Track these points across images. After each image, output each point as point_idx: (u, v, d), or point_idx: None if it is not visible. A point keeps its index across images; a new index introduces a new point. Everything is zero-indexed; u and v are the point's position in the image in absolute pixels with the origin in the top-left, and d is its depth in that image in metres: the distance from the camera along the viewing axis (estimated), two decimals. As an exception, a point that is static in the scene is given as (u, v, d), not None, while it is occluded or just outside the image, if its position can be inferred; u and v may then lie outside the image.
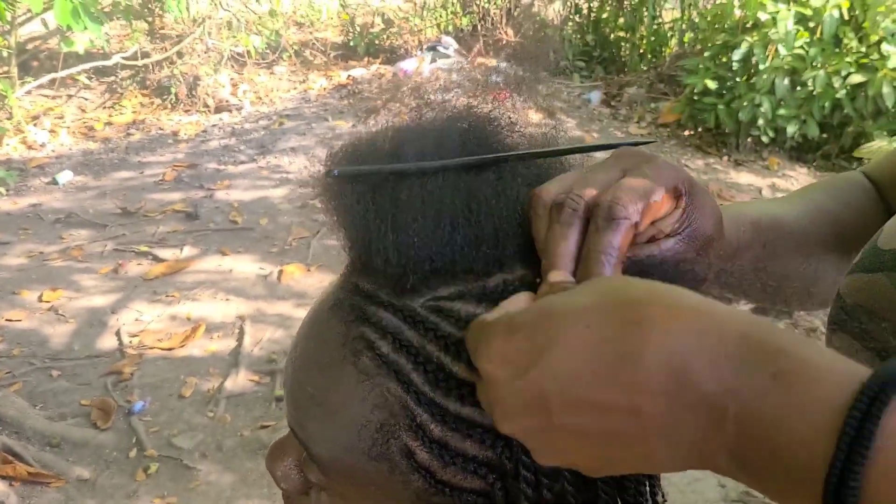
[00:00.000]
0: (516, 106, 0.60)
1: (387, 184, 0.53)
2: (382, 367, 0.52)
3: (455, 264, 0.51)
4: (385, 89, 1.04)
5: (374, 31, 8.16)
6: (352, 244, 0.55)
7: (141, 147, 5.83)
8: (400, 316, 0.52)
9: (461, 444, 0.51)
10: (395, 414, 0.51)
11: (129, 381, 3.14)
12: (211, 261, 4.09)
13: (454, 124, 0.57)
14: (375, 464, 0.53)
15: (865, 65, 5.00)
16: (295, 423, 0.57)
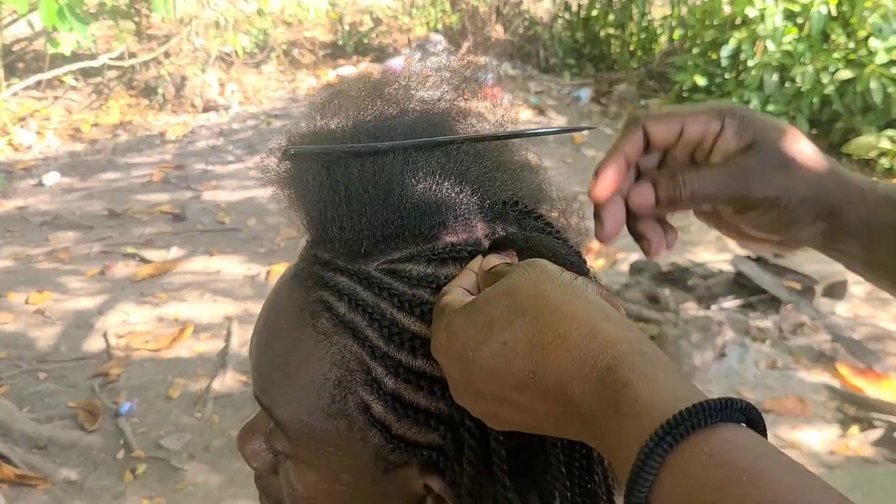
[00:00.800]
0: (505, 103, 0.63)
1: (340, 162, 0.57)
2: (339, 325, 0.55)
3: (404, 229, 0.56)
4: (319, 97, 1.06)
5: (362, 30, 8.15)
6: (309, 218, 0.59)
7: (128, 148, 5.80)
8: (355, 279, 0.56)
9: (414, 396, 0.55)
10: (351, 370, 0.55)
11: (117, 383, 3.11)
12: (198, 262, 4.06)
13: (406, 114, 0.61)
14: (335, 421, 0.56)
15: (853, 61, 5.02)
16: (260, 390, 0.60)
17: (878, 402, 2.87)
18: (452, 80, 0.65)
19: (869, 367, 3.08)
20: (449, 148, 0.59)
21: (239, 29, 7.42)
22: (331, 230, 0.57)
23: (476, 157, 0.60)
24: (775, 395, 2.96)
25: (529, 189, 0.63)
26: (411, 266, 0.56)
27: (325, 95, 0.63)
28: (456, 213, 0.57)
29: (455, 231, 0.58)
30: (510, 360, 0.46)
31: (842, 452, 2.66)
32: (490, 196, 0.59)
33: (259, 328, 0.61)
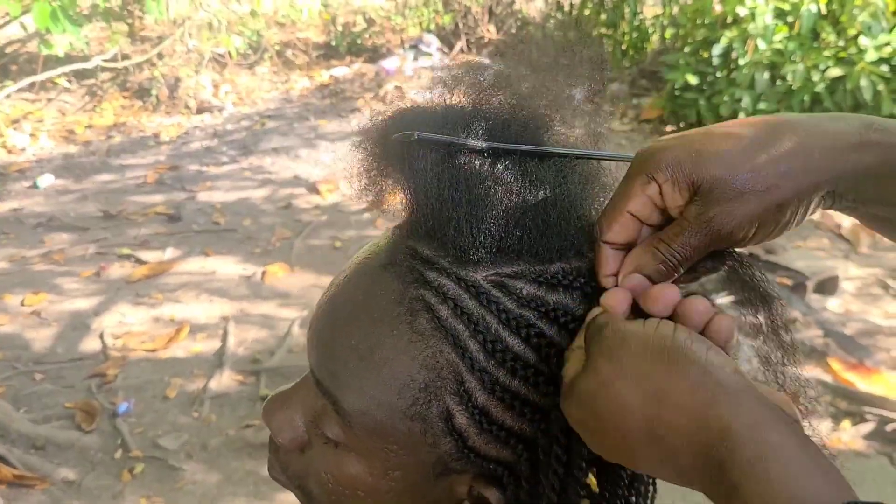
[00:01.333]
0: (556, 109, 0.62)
1: (461, 156, 0.54)
2: (439, 330, 0.53)
3: (522, 245, 0.54)
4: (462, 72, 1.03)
5: (355, 31, 8.15)
6: (418, 209, 0.55)
7: (122, 150, 5.80)
8: (462, 285, 0.53)
9: (502, 414, 0.53)
10: (443, 377, 0.53)
11: (114, 383, 3.12)
12: (194, 262, 4.07)
13: (517, 113, 0.58)
14: (410, 423, 0.54)
15: (843, 59, 5.05)
16: (326, 372, 0.57)
17: (870, 397, 2.89)
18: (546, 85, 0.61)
19: (860, 361, 3.11)
20: (562, 163, 0.57)
21: (232, 30, 7.42)
22: (445, 230, 0.54)
23: (590, 177, 0.59)
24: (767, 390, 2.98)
25: None
26: (521, 284, 0.54)
27: (451, 76, 0.59)
28: (573, 238, 0.55)
29: (569, 257, 0.55)
30: (653, 417, 0.46)
31: (834, 446, 2.69)
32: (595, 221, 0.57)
33: (334, 307, 0.58)
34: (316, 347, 0.59)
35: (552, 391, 0.53)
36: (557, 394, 0.52)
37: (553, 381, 0.53)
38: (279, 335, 3.39)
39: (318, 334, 0.59)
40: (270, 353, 3.26)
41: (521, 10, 7.86)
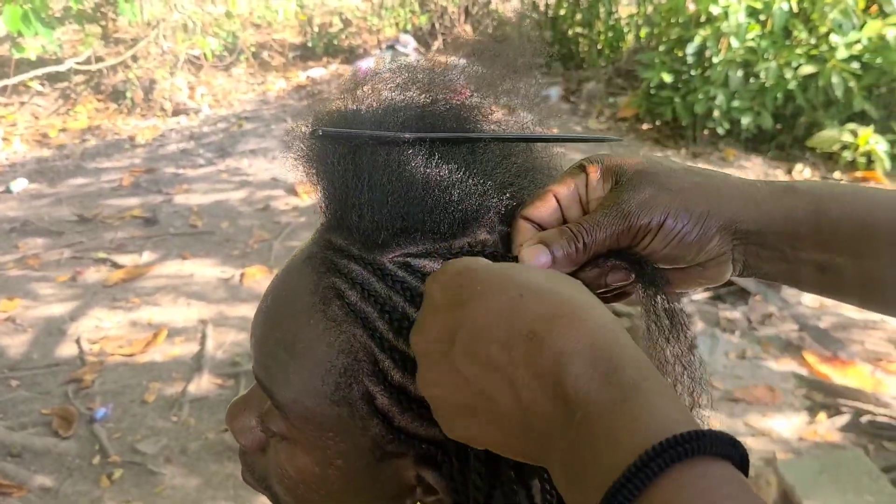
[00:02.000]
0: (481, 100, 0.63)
1: (367, 147, 0.57)
2: (350, 314, 0.55)
3: (424, 224, 0.56)
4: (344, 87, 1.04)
5: (332, 31, 8.14)
6: (328, 201, 0.58)
7: (97, 153, 5.74)
8: (370, 269, 0.56)
9: (419, 391, 0.53)
10: (359, 359, 0.55)
11: (91, 389, 3.09)
12: (171, 265, 4.04)
13: (434, 105, 0.61)
14: (337, 408, 0.56)
15: (815, 56, 5.12)
16: (261, 368, 0.60)
17: (845, 389, 2.94)
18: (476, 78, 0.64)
19: (835, 354, 3.15)
20: (476, 146, 0.59)
21: (207, 32, 7.38)
22: (349, 217, 0.56)
23: (502, 158, 0.60)
24: (745, 384, 3.02)
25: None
26: (426, 262, 0.56)
27: (356, 78, 0.62)
28: (477, 214, 0.57)
29: (473, 232, 0.58)
30: (515, 312, 0.45)
31: (810, 438, 2.72)
32: (510, 200, 0.59)
33: (265, 306, 0.61)
34: (253, 347, 0.62)
35: None
36: None
37: None
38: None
39: (253, 334, 0.62)
40: (249, 356, 3.23)
41: (497, 10, 7.88)
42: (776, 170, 5.30)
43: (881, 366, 3.08)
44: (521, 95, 0.66)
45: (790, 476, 2.15)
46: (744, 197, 0.57)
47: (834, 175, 5.11)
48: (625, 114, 6.14)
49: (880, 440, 2.69)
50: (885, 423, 2.75)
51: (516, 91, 0.66)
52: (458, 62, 0.68)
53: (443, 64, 0.64)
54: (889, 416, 2.77)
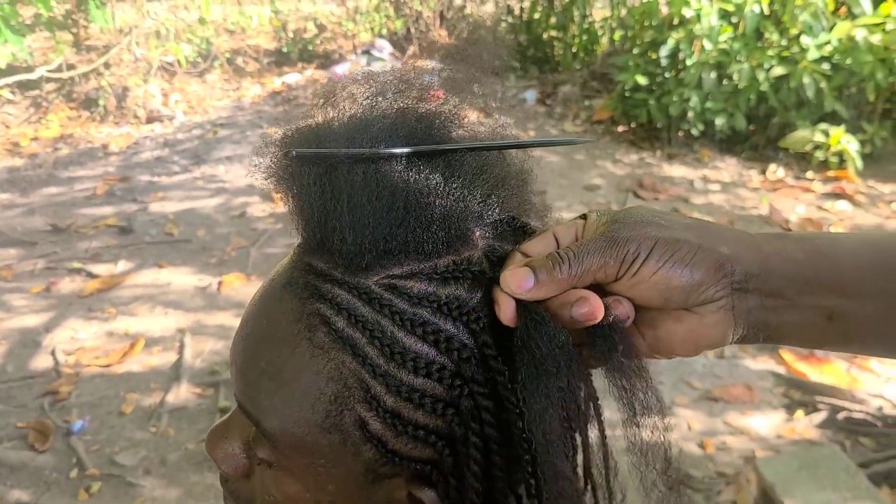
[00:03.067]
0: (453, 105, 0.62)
1: (342, 167, 0.55)
2: (338, 341, 0.54)
3: (407, 245, 0.54)
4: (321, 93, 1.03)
5: (307, 37, 8.11)
6: (306, 224, 0.57)
7: (70, 161, 5.67)
8: (355, 293, 0.54)
9: (413, 414, 0.54)
10: (349, 386, 0.54)
11: (67, 401, 3.05)
12: (147, 274, 4.00)
13: (405, 115, 0.59)
14: (328, 435, 0.55)
15: (786, 58, 5.19)
16: (245, 398, 0.58)
17: (821, 386, 2.97)
18: (444, 84, 0.63)
19: (811, 352, 3.19)
20: (451, 157, 0.58)
21: (180, 38, 7.33)
22: (331, 240, 0.55)
23: (479, 170, 0.58)
24: (724, 383, 3.04)
25: (522, 201, 0.62)
26: (412, 283, 0.54)
27: (325, 92, 0.61)
28: (460, 230, 0.56)
29: (457, 250, 0.56)
30: None
31: (788, 436, 2.75)
32: (493, 213, 0.58)
33: (245, 334, 0.59)
34: (235, 375, 0.60)
35: (458, 383, 0.54)
36: (464, 385, 0.53)
37: (457, 374, 0.54)
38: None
39: (235, 362, 0.60)
40: (228, 365, 3.21)
41: (472, 14, 7.90)
42: (750, 170, 5.36)
43: (856, 363, 3.12)
44: (496, 99, 0.65)
45: (769, 474, 2.17)
46: (739, 238, 0.55)
47: (807, 174, 5.17)
48: (600, 116, 6.18)
49: (856, 436, 2.73)
50: (860, 419, 2.78)
51: (492, 94, 0.65)
52: (433, 66, 0.67)
53: (412, 70, 0.63)
54: (865, 412, 2.81)
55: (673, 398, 2.95)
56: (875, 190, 5.02)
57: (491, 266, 0.57)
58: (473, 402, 0.54)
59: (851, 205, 4.79)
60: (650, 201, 4.82)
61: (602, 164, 5.49)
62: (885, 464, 2.51)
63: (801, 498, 2.06)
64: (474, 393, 0.54)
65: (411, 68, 0.63)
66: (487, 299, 0.56)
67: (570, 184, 5.13)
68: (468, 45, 0.70)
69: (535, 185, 0.65)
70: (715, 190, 5.07)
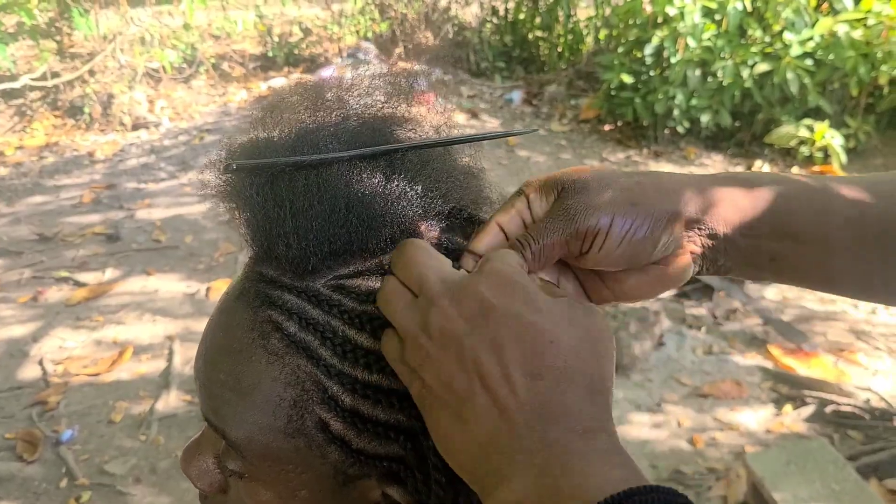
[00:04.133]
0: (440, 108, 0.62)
1: (284, 175, 0.56)
2: (291, 346, 0.55)
3: (352, 244, 0.55)
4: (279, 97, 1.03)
5: (292, 41, 8.10)
6: (253, 234, 0.57)
7: (55, 170, 5.65)
8: (304, 297, 0.55)
9: (372, 411, 0.54)
10: (307, 389, 0.55)
11: (56, 411, 3.04)
12: (135, 282, 3.99)
13: (347, 121, 0.60)
14: (293, 440, 0.55)
15: (770, 54, 5.22)
16: (210, 411, 0.59)
17: (809, 380, 2.99)
18: (387, 86, 0.64)
19: (798, 347, 3.21)
20: (393, 157, 0.58)
21: (165, 44, 7.30)
22: (277, 247, 0.55)
23: (421, 165, 0.59)
24: (712, 379, 3.06)
25: (472, 194, 0.63)
26: (360, 281, 0.56)
27: (264, 105, 0.62)
28: (403, 225, 0.57)
29: None
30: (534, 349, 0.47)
31: (777, 430, 2.77)
32: (436, 205, 0.59)
33: (205, 348, 0.60)
34: (199, 391, 0.60)
35: None
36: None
37: None
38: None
39: (198, 377, 0.60)
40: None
41: (457, 16, 7.91)
42: (737, 166, 5.39)
43: (843, 356, 3.14)
44: (483, 99, 0.66)
45: (759, 468, 2.18)
46: (687, 186, 0.57)
47: (793, 170, 5.20)
48: (587, 115, 6.20)
49: (844, 429, 2.74)
50: (848, 412, 2.80)
51: (478, 95, 0.66)
52: (407, 69, 0.67)
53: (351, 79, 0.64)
54: (852, 405, 2.83)
55: (662, 395, 2.96)
56: (860, 184, 5.04)
57: None
58: None
59: (837, 199, 4.81)
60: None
61: (589, 163, 5.50)
62: (873, 456, 2.53)
63: (790, 491, 2.07)
64: None
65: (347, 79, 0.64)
66: None
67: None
68: (455, 47, 0.69)
69: (486, 178, 0.65)
70: (701, 187, 5.08)
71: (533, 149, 5.70)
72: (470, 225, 0.60)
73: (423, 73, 0.66)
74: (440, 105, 0.65)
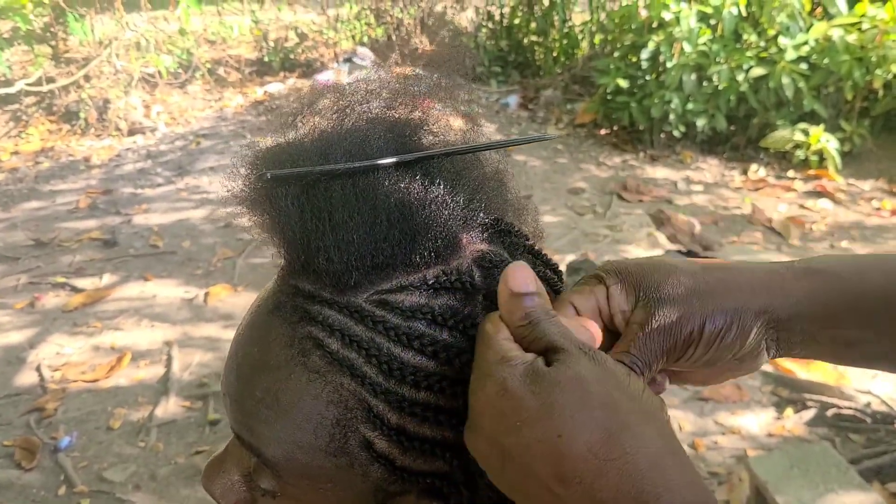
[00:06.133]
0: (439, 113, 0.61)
1: (319, 184, 0.54)
2: (334, 363, 0.53)
3: (395, 258, 0.53)
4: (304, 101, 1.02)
5: (288, 46, 8.10)
6: (288, 246, 0.55)
7: (51, 175, 5.63)
8: (346, 312, 0.53)
9: (419, 428, 0.53)
10: (350, 408, 0.53)
11: (54, 417, 3.02)
12: (133, 287, 3.97)
13: (376, 125, 0.58)
14: (334, 459, 0.54)
15: (765, 58, 5.24)
16: (243, 428, 0.57)
17: (810, 384, 2.99)
18: (402, 91, 0.62)
19: (798, 350, 3.21)
20: (428, 164, 0.57)
21: (161, 49, 7.29)
22: (316, 261, 0.53)
23: (457, 174, 0.58)
24: (712, 383, 3.06)
25: (507, 203, 0.62)
26: (403, 297, 0.53)
27: (293, 108, 0.60)
28: (446, 238, 0.55)
29: (445, 260, 0.55)
30: (560, 455, 0.44)
31: (779, 434, 2.77)
32: (479, 217, 0.57)
33: (237, 364, 0.58)
34: (230, 406, 0.59)
35: (462, 391, 0.53)
36: (466, 393, 0.52)
37: (460, 382, 0.53)
38: (225, 357, 3.32)
39: (229, 393, 0.59)
40: (217, 376, 3.20)
41: (453, 21, 7.92)
42: (732, 170, 5.40)
43: (843, 359, 3.15)
44: (480, 105, 0.65)
45: (761, 472, 2.18)
46: (771, 286, 0.57)
47: (788, 173, 5.22)
48: (583, 119, 6.21)
49: (846, 432, 2.75)
50: (849, 415, 2.81)
51: (476, 100, 0.65)
52: (417, 73, 0.66)
53: (375, 80, 0.62)
54: (853, 408, 2.83)
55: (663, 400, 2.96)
56: (855, 187, 5.07)
57: (482, 273, 0.56)
58: None
59: (832, 203, 4.84)
60: (634, 203, 4.84)
61: (586, 167, 5.52)
62: (875, 460, 2.53)
63: (793, 496, 2.07)
64: None
65: (372, 80, 0.62)
66: (482, 307, 0.55)
67: (553, 187, 5.14)
68: (452, 51, 0.69)
69: (513, 184, 0.64)
70: (698, 191, 5.10)
71: (530, 153, 5.71)
72: (507, 236, 0.59)
73: (423, 78, 0.65)
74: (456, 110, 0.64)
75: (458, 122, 0.62)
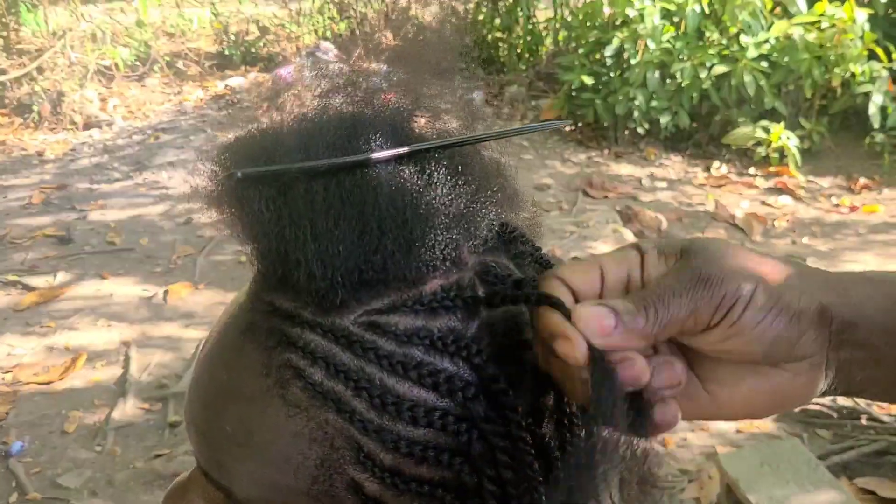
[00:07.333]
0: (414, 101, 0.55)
1: (298, 184, 0.46)
2: (317, 396, 0.46)
3: (387, 272, 0.46)
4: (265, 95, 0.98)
5: (249, 39, 7.97)
6: (263, 257, 0.48)
7: (3, 170, 5.45)
8: (330, 337, 0.46)
9: (416, 470, 0.46)
10: (337, 447, 0.46)
11: (5, 421, 2.91)
12: (89, 286, 3.85)
13: (363, 116, 0.50)
14: (317, 502, 0.48)
15: (727, 56, 5.29)
16: (210, 463, 0.51)
17: (775, 379, 3.01)
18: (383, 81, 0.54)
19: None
20: (424, 160, 0.49)
21: (118, 41, 7.13)
22: (295, 276, 0.45)
23: (456, 171, 0.50)
24: (680, 379, 3.06)
25: (503, 200, 0.54)
26: (397, 318, 0.46)
27: (269, 95, 0.53)
28: (445, 247, 0.47)
29: (444, 271, 0.48)
30: None
31: (748, 430, 2.78)
32: (475, 221, 0.49)
33: (202, 393, 0.51)
34: (194, 436, 0.52)
35: (466, 428, 0.46)
36: (473, 428, 0.46)
37: (464, 417, 0.46)
38: (186, 357, 3.24)
39: (194, 421, 0.52)
40: (177, 377, 3.12)
41: (417, 16, 7.87)
42: (695, 167, 5.44)
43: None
44: (448, 100, 0.56)
45: (732, 469, 2.18)
46: (828, 281, 0.47)
47: (749, 170, 5.27)
48: (547, 116, 6.20)
49: (814, 428, 2.77)
50: (817, 410, 2.83)
51: (443, 96, 0.55)
52: (381, 68, 0.58)
53: (363, 68, 0.55)
54: (821, 404, 2.86)
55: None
56: (815, 184, 5.14)
57: (486, 289, 0.48)
58: (486, 444, 0.46)
59: (793, 199, 4.90)
60: (600, 200, 4.85)
61: (551, 164, 5.51)
62: (842, 455, 2.56)
63: (764, 493, 2.07)
64: (487, 435, 0.46)
65: (361, 67, 0.55)
66: (486, 328, 0.48)
67: (519, 184, 5.13)
68: (417, 46, 0.61)
69: (515, 179, 0.57)
70: (662, 187, 5.13)
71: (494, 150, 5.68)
72: (514, 244, 0.52)
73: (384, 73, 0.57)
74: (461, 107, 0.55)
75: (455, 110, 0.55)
